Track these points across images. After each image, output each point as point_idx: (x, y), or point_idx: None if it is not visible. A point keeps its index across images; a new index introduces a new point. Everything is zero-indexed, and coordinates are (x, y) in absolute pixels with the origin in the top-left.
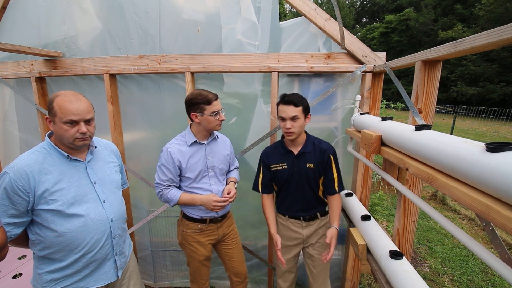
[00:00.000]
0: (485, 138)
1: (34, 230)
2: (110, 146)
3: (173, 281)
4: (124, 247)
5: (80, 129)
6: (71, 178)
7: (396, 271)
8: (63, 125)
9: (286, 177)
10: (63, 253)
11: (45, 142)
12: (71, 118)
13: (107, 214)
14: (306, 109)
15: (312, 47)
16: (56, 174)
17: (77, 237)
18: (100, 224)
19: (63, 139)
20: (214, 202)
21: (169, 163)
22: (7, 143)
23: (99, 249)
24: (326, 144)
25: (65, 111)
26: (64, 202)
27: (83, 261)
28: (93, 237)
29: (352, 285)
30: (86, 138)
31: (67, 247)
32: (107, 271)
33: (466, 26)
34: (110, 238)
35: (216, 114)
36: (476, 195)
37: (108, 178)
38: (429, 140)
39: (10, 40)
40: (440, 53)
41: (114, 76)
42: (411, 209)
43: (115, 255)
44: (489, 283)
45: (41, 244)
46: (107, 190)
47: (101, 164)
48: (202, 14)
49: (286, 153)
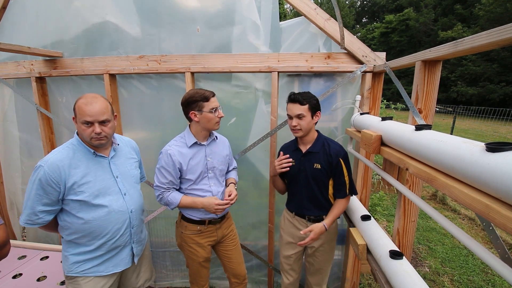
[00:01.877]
0: (485, 138)
1: (63, 217)
2: (131, 143)
3: (173, 281)
4: (141, 236)
5: (94, 129)
6: (96, 172)
7: (396, 271)
8: (81, 125)
9: (293, 174)
10: (87, 239)
11: (74, 139)
12: (85, 119)
13: (128, 205)
14: (314, 107)
15: (312, 47)
16: (83, 168)
17: (101, 225)
18: (121, 214)
19: (83, 138)
20: (216, 205)
21: (170, 165)
22: (7, 143)
23: (119, 237)
24: (336, 147)
25: (81, 113)
26: (90, 194)
27: (105, 247)
28: (114, 226)
29: (352, 285)
30: (101, 138)
31: (91, 233)
32: (124, 257)
33: (466, 26)
34: (129, 228)
35: (215, 110)
36: (476, 195)
37: (129, 173)
38: (429, 140)
39: (10, 40)
40: (440, 53)
41: (114, 76)
42: (411, 209)
43: (133, 243)
44: (489, 283)
45: (69, 229)
46: (127, 184)
47: (122, 160)
48: (203, 13)
49: (295, 150)
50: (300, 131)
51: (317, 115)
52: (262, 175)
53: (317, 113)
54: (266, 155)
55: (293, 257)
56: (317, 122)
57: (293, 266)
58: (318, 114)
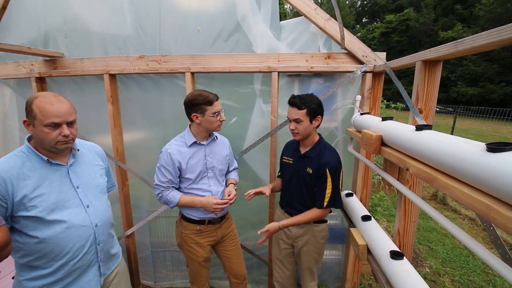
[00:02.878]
0: (486, 138)
1: (13, 237)
2: (95, 149)
3: (173, 282)
4: (110, 252)
5: (62, 131)
6: (52, 183)
7: (396, 271)
8: (44, 128)
9: (289, 172)
10: (44, 260)
11: (24, 146)
12: (53, 121)
13: (91, 219)
14: (313, 112)
15: (312, 47)
16: (35, 179)
17: (59, 244)
18: (83, 230)
19: (43, 142)
20: (214, 204)
21: (169, 164)
22: (7, 143)
23: (83, 256)
24: (328, 157)
25: (46, 114)
26: (45, 208)
27: (66, 268)
28: (75, 244)
29: (353, 285)
30: (68, 141)
31: (48, 254)
32: (91, 279)
33: (466, 26)
34: (94, 244)
35: (217, 114)
36: (477, 195)
37: (92, 182)
38: (430, 140)
39: (10, 40)
40: (441, 53)
41: (114, 76)
42: (412, 209)
43: (100, 261)
44: (490, 284)
45: (21, 251)
46: (91, 194)
47: (85, 167)
48: (203, 13)
49: (296, 150)
50: (298, 135)
51: (317, 119)
52: (262, 175)
53: (317, 117)
54: (266, 155)
55: (283, 253)
56: (318, 126)
57: (283, 261)
58: (318, 119)
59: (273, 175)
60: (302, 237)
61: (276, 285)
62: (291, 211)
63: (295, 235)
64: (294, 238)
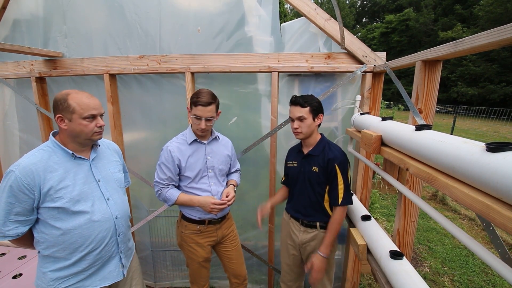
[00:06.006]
0: (486, 138)
1: (39, 228)
2: (113, 146)
3: (173, 281)
4: (128, 245)
5: (98, 123)
6: (76, 176)
7: (396, 271)
8: (82, 120)
9: (294, 175)
10: (68, 251)
11: (49, 141)
12: (91, 113)
13: (112, 211)
14: (316, 110)
15: (313, 47)
16: (61, 172)
17: (83, 234)
18: (105, 221)
19: (81, 135)
20: (212, 204)
21: (169, 161)
22: (7, 143)
23: (104, 247)
24: (335, 153)
25: (85, 107)
26: (70, 199)
27: (89, 259)
28: (98, 235)
29: (353, 285)
30: (101, 131)
31: (72, 245)
32: (112, 270)
33: (466, 26)
34: (115, 236)
35: (197, 118)
36: (477, 195)
37: (111, 177)
38: (430, 140)
39: (10, 40)
40: (440, 53)
41: (114, 76)
42: (411, 209)
43: (120, 253)
44: (490, 283)
45: (46, 242)
46: (110, 188)
47: (104, 162)
48: (204, 13)
49: (299, 152)
50: (301, 134)
51: (319, 117)
52: (262, 175)
53: (319, 115)
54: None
55: (291, 259)
56: (320, 125)
57: (291, 266)
58: (320, 117)
59: (273, 175)
60: (309, 243)
61: (282, 285)
62: (297, 216)
63: (302, 241)
64: (301, 245)
